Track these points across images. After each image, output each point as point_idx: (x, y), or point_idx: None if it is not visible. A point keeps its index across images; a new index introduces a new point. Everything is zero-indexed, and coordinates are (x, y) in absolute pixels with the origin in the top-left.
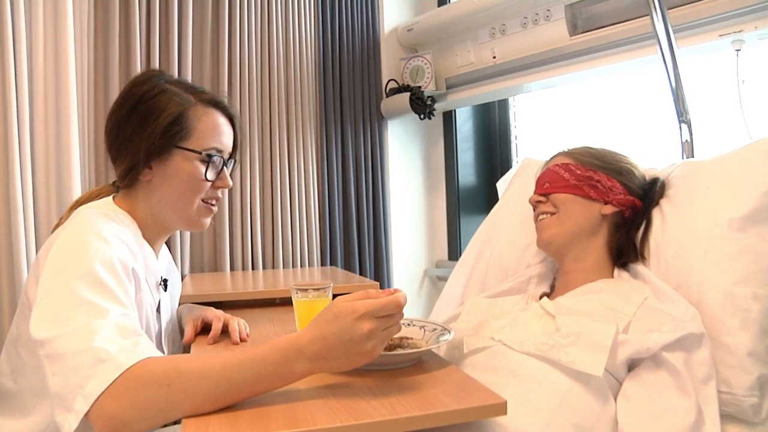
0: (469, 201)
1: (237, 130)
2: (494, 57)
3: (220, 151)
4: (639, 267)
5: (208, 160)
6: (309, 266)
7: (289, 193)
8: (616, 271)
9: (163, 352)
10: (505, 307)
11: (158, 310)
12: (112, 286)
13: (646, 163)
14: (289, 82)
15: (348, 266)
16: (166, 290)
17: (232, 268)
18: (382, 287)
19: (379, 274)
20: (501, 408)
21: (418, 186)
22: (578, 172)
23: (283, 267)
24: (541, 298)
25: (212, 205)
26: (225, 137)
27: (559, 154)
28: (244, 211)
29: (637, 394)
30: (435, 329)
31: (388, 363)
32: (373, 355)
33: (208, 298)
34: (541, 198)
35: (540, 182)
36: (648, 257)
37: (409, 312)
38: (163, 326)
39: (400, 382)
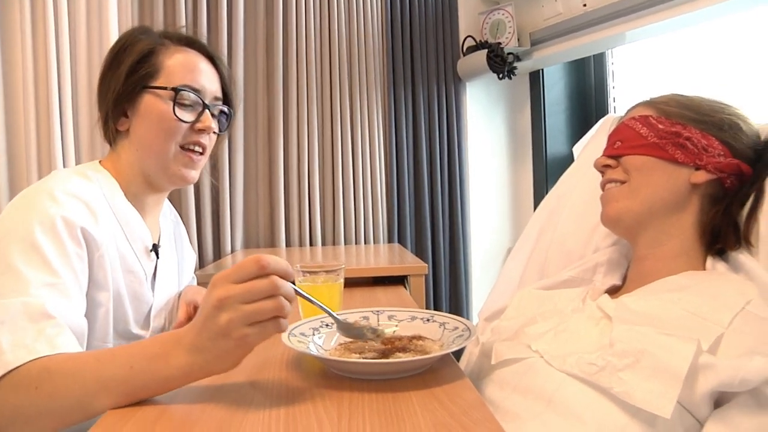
0: (559, 172)
1: (224, 73)
2: (585, 5)
3: (196, 91)
4: (742, 257)
5: (175, 96)
6: (375, 243)
7: (353, 163)
8: (709, 260)
9: (148, 329)
10: (559, 303)
11: (154, 278)
12: (45, 250)
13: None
14: (353, 40)
15: (419, 244)
16: (158, 257)
17: (288, 244)
18: (457, 267)
19: (455, 252)
20: None
21: (501, 155)
22: (661, 126)
23: (345, 244)
24: (609, 294)
25: (193, 151)
26: (202, 77)
27: (640, 104)
28: (301, 182)
29: None
30: (456, 328)
31: (375, 372)
32: (246, 342)
33: None
34: (610, 161)
35: (611, 141)
36: (756, 243)
37: (482, 297)
38: (158, 298)
39: (381, 401)
